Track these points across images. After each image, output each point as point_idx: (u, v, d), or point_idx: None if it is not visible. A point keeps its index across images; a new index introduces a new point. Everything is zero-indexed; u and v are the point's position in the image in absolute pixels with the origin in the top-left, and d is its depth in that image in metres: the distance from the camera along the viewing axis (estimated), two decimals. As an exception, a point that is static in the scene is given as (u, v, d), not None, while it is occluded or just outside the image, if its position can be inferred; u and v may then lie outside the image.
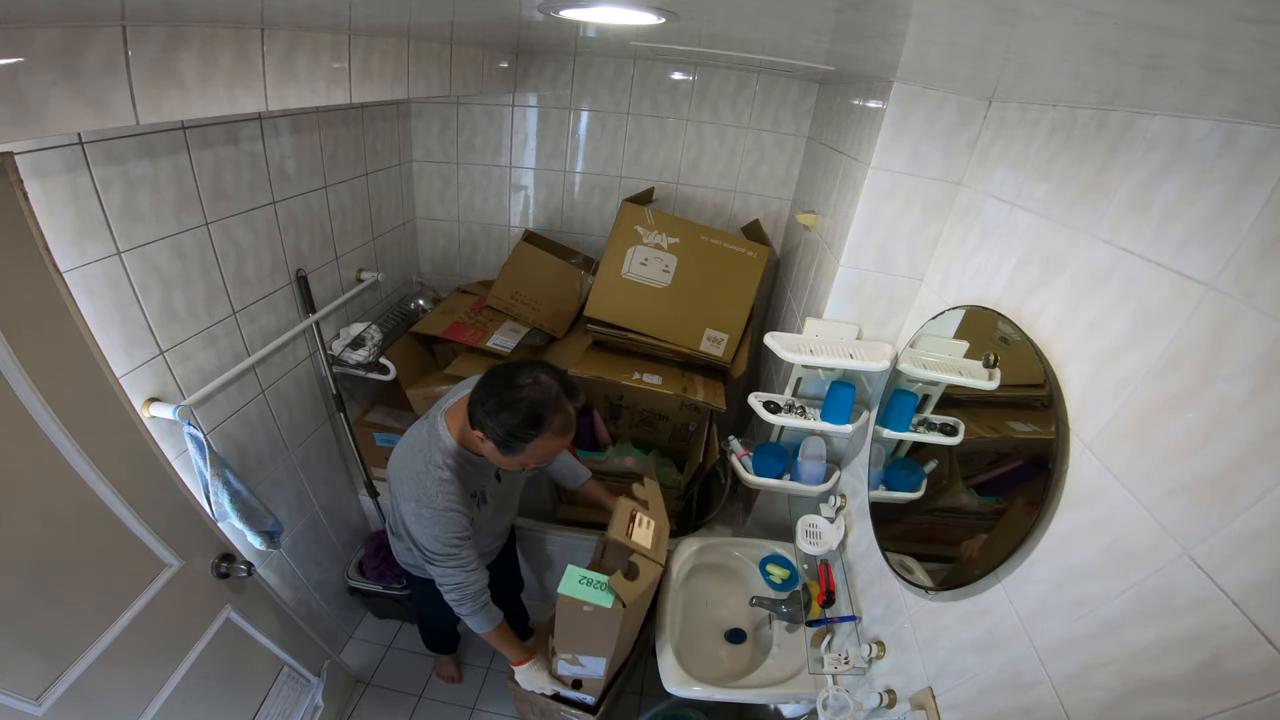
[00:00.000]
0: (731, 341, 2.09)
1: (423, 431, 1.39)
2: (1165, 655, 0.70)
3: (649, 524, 1.49)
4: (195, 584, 1.34)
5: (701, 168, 2.44)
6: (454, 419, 1.38)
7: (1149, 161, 0.85)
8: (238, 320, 1.58)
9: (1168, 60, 0.55)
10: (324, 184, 1.88)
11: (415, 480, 1.33)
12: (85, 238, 1.13)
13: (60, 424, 0.97)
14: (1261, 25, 0.37)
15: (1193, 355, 0.73)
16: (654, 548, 1.44)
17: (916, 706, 1.13)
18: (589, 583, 1.32)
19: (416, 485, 1.33)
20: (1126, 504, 0.78)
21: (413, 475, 1.34)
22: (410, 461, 1.36)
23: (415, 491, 1.33)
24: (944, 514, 1.27)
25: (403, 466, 1.37)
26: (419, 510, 1.32)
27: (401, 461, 1.38)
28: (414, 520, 1.34)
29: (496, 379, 1.27)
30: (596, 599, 1.30)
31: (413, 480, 1.33)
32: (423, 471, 1.33)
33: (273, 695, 1.66)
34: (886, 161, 1.39)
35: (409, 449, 1.39)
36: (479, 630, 1.51)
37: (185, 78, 0.94)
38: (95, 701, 1.10)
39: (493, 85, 2.15)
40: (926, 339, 1.37)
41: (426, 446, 1.36)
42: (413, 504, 1.33)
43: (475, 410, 1.27)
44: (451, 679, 2.27)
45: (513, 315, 2.32)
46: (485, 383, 1.28)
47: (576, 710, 1.67)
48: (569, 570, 1.35)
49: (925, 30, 0.70)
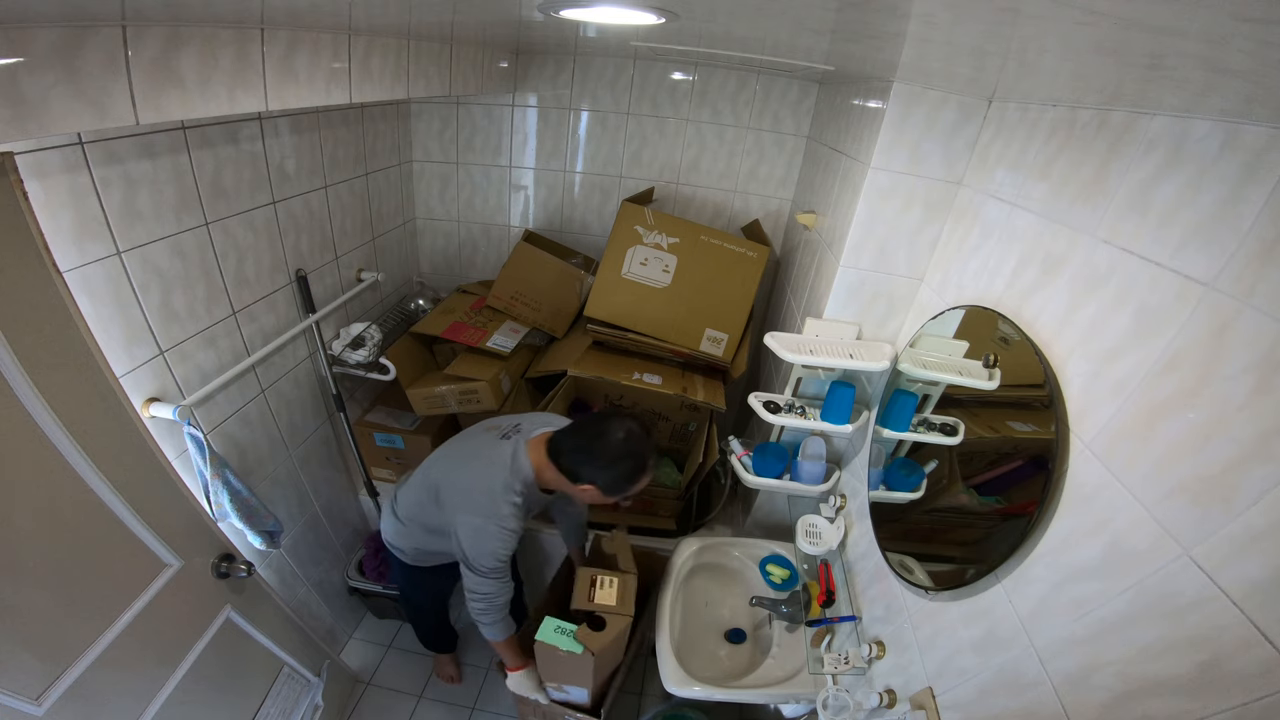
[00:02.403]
0: (731, 341, 2.09)
1: (504, 453, 1.46)
2: (1165, 655, 0.70)
3: (611, 583, 1.63)
4: (195, 584, 1.34)
5: (701, 168, 2.44)
6: (535, 451, 1.47)
7: (1149, 162, 0.85)
8: (238, 320, 1.58)
9: (1168, 60, 0.55)
10: (324, 184, 1.88)
11: (490, 496, 1.41)
12: (85, 238, 1.13)
13: (60, 424, 0.97)
14: (1261, 25, 0.37)
15: (1193, 355, 0.73)
16: (619, 603, 1.58)
17: (916, 706, 1.13)
18: (562, 631, 1.47)
19: (491, 502, 1.40)
20: (1126, 504, 0.78)
21: (488, 491, 1.41)
22: (489, 478, 1.42)
23: (487, 507, 1.40)
24: (944, 514, 1.27)
25: (479, 478, 1.43)
26: (484, 525, 1.40)
27: (478, 475, 1.44)
28: (473, 533, 1.41)
29: (596, 440, 1.40)
30: (569, 646, 1.45)
31: (487, 496, 1.41)
32: (500, 492, 1.41)
33: (273, 695, 1.66)
34: (886, 161, 1.39)
35: (489, 465, 1.45)
36: (493, 638, 1.58)
37: (185, 78, 0.94)
38: (95, 701, 1.09)
39: (493, 85, 2.15)
40: (926, 339, 1.37)
41: (509, 469, 1.43)
42: (478, 518, 1.40)
43: (578, 465, 1.40)
44: (452, 678, 2.27)
45: (513, 315, 2.32)
46: (584, 444, 1.41)
47: (578, 713, 1.68)
48: (545, 620, 1.50)
49: (925, 30, 0.70)
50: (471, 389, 2.07)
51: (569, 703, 1.69)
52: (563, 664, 1.51)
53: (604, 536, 1.83)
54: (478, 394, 2.07)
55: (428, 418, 2.26)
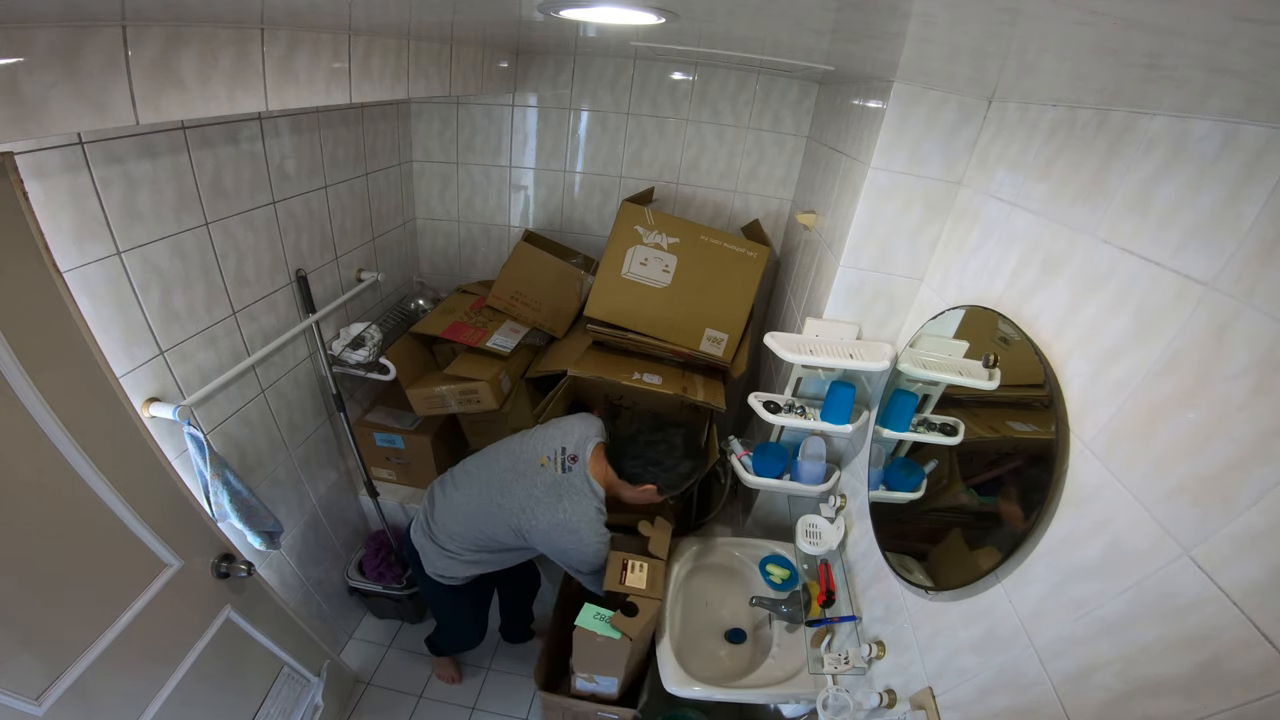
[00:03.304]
0: (731, 341, 2.09)
1: (580, 484, 1.61)
2: (1165, 655, 0.70)
3: (641, 567, 1.68)
4: (195, 584, 1.34)
5: (701, 168, 2.43)
6: (598, 468, 1.63)
7: (1149, 161, 0.85)
8: (238, 320, 1.58)
9: (1168, 60, 0.55)
10: (324, 184, 1.88)
11: (590, 524, 1.59)
12: (85, 238, 1.13)
13: (60, 424, 0.97)
14: (1261, 25, 0.37)
15: (1193, 355, 0.73)
16: (650, 586, 1.63)
17: (916, 706, 1.13)
18: (601, 618, 1.55)
19: (591, 529, 1.59)
20: (1126, 504, 0.78)
21: (589, 522, 1.59)
22: (582, 513, 1.59)
23: (590, 535, 1.59)
24: (944, 514, 1.27)
25: (574, 516, 1.58)
26: (596, 546, 1.60)
27: (572, 514, 1.59)
28: (588, 555, 1.59)
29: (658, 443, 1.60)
30: (606, 632, 1.52)
31: (588, 525, 1.59)
32: (595, 518, 1.60)
33: (273, 695, 1.66)
34: (886, 161, 1.39)
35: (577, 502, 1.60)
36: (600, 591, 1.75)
37: (185, 78, 0.94)
38: (95, 701, 1.09)
39: (493, 85, 2.15)
40: (926, 339, 1.37)
41: (590, 498, 1.60)
42: (590, 545, 1.58)
43: (640, 470, 1.60)
44: (452, 679, 2.27)
45: (513, 315, 2.32)
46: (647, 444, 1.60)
47: (614, 709, 1.69)
48: (585, 607, 1.57)
49: (925, 30, 0.70)
50: (471, 389, 2.07)
51: (598, 695, 1.71)
52: (600, 651, 1.56)
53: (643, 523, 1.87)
54: (478, 394, 2.07)
55: (428, 418, 2.26)
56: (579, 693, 1.72)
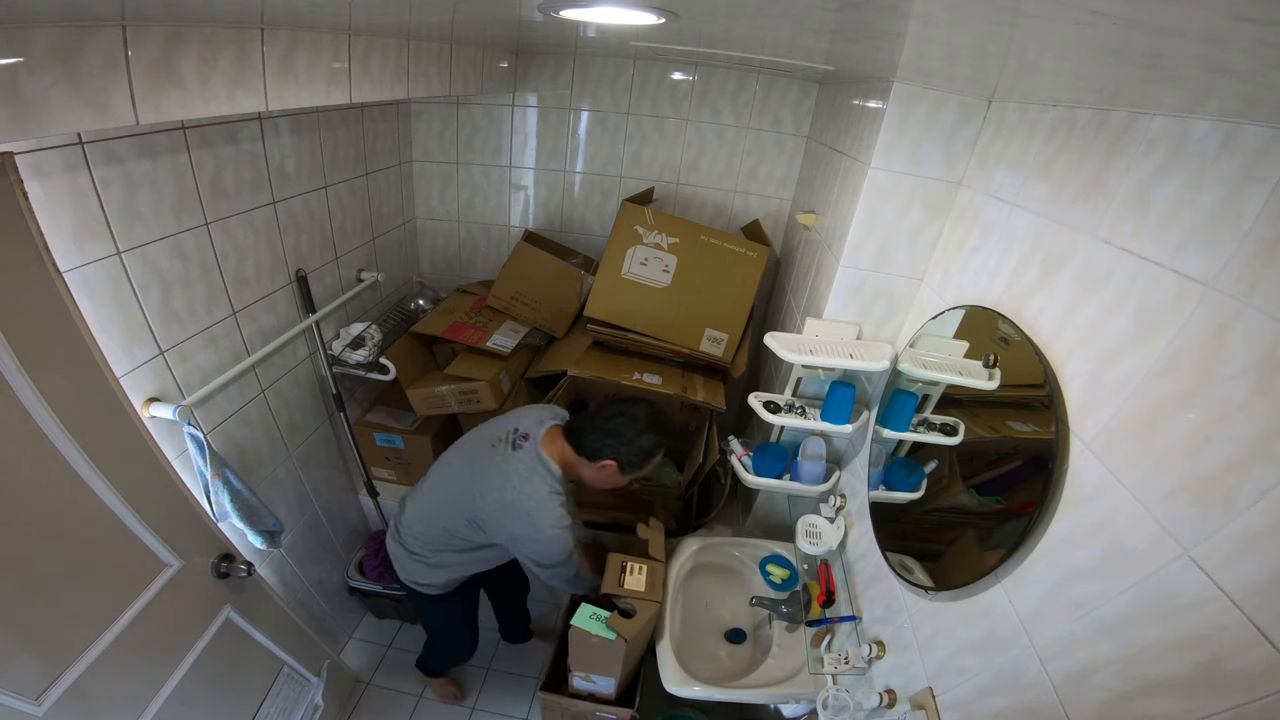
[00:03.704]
0: (731, 341, 2.09)
1: (531, 462, 1.51)
2: (1165, 655, 0.70)
3: (641, 569, 1.67)
4: (195, 584, 1.34)
5: (701, 168, 2.43)
6: (553, 446, 1.54)
7: (1149, 161, 0.85)
8: (238, 320, 1.58)
9: (1168, 60, 0.55)
10: (324, 184, 1.88)
11: (541, 507, 1.48)
12: (85, 238, 1.12)
13: (60, 424, 0.97)
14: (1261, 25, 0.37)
15: (1193, 355, 0.73)
16: (648, 589, 1.62)
17: (916, 706, 1.13)
18: (597, 618, 1.53)
19: (545, 512, 1.48)
20: (1126, 504, 0.78)
21: (539, 504, 1.48)
22: (532, 492, 1.48)
23: (543, 518, 1.47)
24: (944, 514, 1.27)
25: (523, 497, 1.48)
26: (551, 534, 1.48)
27: (521, 494, 1.48)
28: (542, 544, 1.49)
29: (618, 418, 1.51)
30: (602, 632, 1.51)
31: (539, 507, 1.48)
32: (548, 499, 1.48)
33: (273, 695, 1.66)
34: (886, 161, 1.39)
35: (525, 480, 1.49)
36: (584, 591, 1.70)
37: (185, 78, 0.94)
38: (95, 701, 1.09)
39: (493, 85, 2.15)
40: (926, 339, 1.37)
41: (543, 476, 1.50)
42: (543, 531, 1.47)
43: (601, 443, 1.49)
44: (454, 696, 2.22)
45: (513, 315, 2.32)
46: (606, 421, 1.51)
47: (612, 709, 1.69)
48: (581, 607, 1.56)
49: (925, 30, 0.70)
50: (471, 389, 2.07)
51: (595, 695, 1.71)
52: (595, 651, 1.56)
53: (640, 525, 1.86)
54: (478, 394, 2.07)
55: (428, 418, 2.26)
56: (577, 692, 1.73)
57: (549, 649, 2.03)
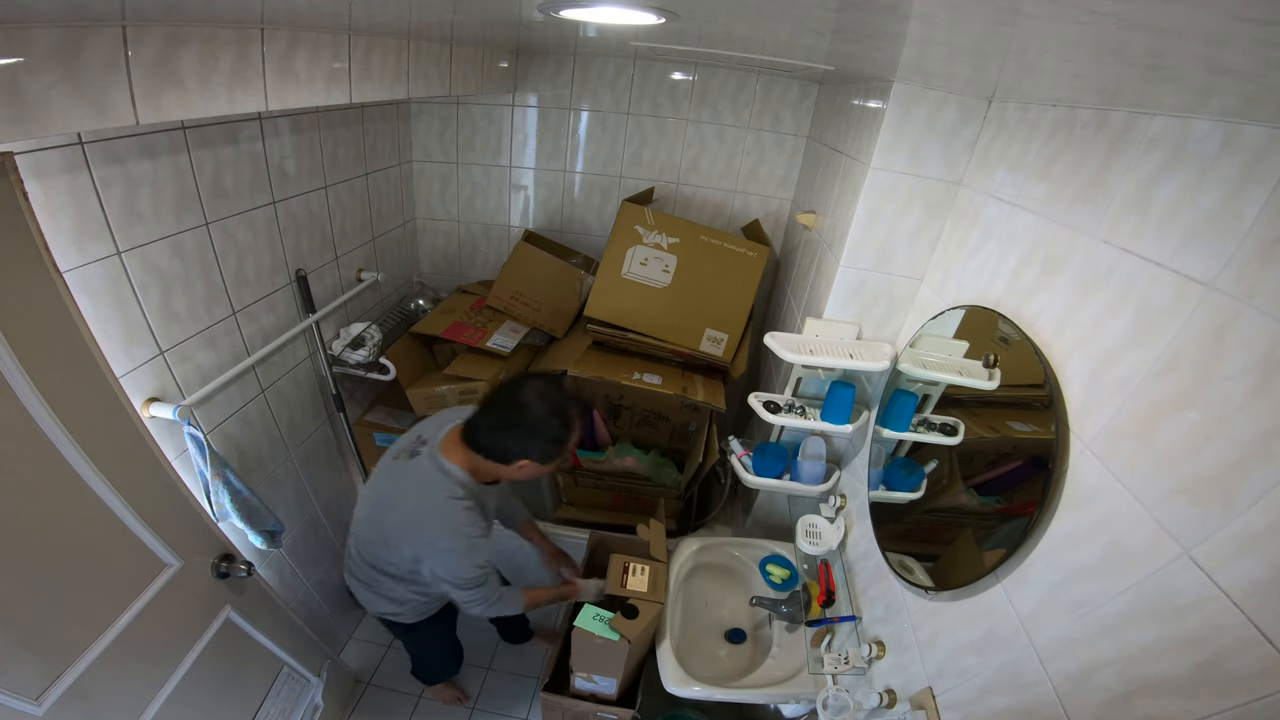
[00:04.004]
0: (731, 341, 2.09)
1: (425, 469, 1.36)
2: (1165, 655, 0.70)
3: (643, 570, 1.67)
4: (195, 584, 1.34)
5: (701, 168, 2.44)
6: (453, 452, 1.37)
7: (1149, 161, 0.85)
8: (238, 320, 1.58)
9: (1168, 60, 0.55)
10: (324, 184, 1.88)
11: (441, 517, 1.32)
12: (85, 238, 1.12)
13: (60, 424, 0.97)
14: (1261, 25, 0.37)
15: (1193, 355, 0.73)
16: (651, 590, 1.62)
17: (916, 706, 1.13)
18: (600, 619, 1.53)
19: (445, 522, 1.32)
20: (1126, 504, 0.78)
21: (437, 513, 1.32)
22: (428, 500, 1.33)
23: (446, 528, 1.32)
24: (944, 514, 1.27)
25: (422, 509, 1.34)
26: (453, 544, 1.33)
27: (416, 503, 1.35)
28: (445, 558, 1.34)
29: (509, 411, 1.32)
30: (605, 633, 1.51)
31: (438, 518, 1.33)
32: (446, 506, 1.32)
33: (273, 695, 1.66)
34: (886, 161, 1.39)
35: (421, 488, 1.34)
36: (517, 611, 1.58)
37: (185, 78, 0.94)
38: (95, 701, 1.09)
39: (493, 85, 2.15)
40: (926, 339, 1.37)
41: (442, 483, 1.34)
42: (443, 542, 1.33)
43: (503, 445, 1.32)
44: (456, 699, 2.20)
45: (513, 315, 2.32)
46: (499, 419, 1.32)
47: (614, 709, 1.69)
48: (584, 607, 1.56)
49: (925, 30, 0.70)
50: (471, 389, 2.07)
51: (597, 695, 1.71)
52: (598, 652, 1.55)
53: (640, 526, 1.86)
54: (478, 394, 2.08)
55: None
56: (578, 692, 1.73)
57: (550, 648, 2.03)
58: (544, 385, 1.34)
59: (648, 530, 1.83)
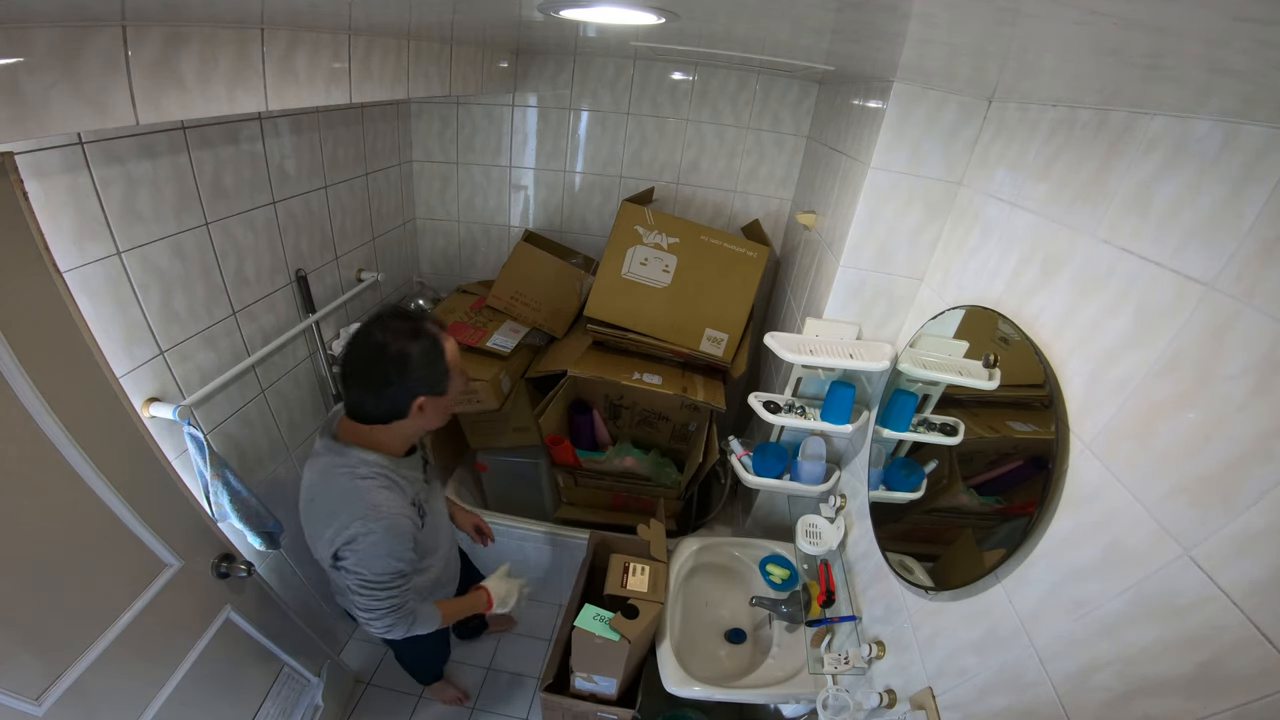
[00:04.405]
0: (731, 341, 2.09)
1: (324, 463, 1.24)
2: (1165, 655, 0.70)
3: (643, 570, 1.67)
4: (195, 584, 1.34)
5: (701, 168, 2.44)
6: (350, 434, 1.25)
7: (1149, 161, 0.85)
8: (238, 320, 1.58)
9: (1168, 60, 0.55)
10: (324, 184, 1.88)
11: (348, 500, 1.18)
12: (85, 238, 1.12)
13: (60, 424, 0.97)
14: (1261, 25, 0.37)
15: (1193, 355, 0.73)
16: (651, 590, 1.62)
17: (916, 706, 1.13)
18: (601, 619, 1.53)
19: (355, 504, 1.18)
20: (1126, 504, 0.78)
21: (343, 497, 1.19)
22: (333, 486, 1.20)
23: (357, 511, 1.17)
24: (944, 514, 1.27)
25: (328, 498, 1.21)
26: (367, 528, 1.17)
27: (321, 493, 1.22)
28: (361, 546, 1.18)
29: (371, 365, 1.17)
30: (606, 633, 1.51)
31: (345, 502, 1.18)
32: (352, 489, 1.19)
33: (273, 695, 1.66)
34: (886, 161, 1.39)
35: (323, 479, 1.22)
36: (430, 629, 1.41)
37: (185, 78, 0.94)
38: (95, 701, 1.09)
39: (493, 85, 2.15)
40: (926, 339, 1.37)
41: (344, 466, 1.21)
42: (355, 526, 1.17)
43: (386, 400, 1.19)
44: (457, 699, 2.19)
45: (513, 315, 2.32)
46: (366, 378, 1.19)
47: (614, 709, 1.69)
48: (585, 608, 1.56)
49: (925, 30, 0.70)
50: (471, 389, 2.07)
51: (597, 695, 1.71)
52: (598, 652, 1.55)
53: (640, 526, 1.86)
54: (478, 394, 2.07)
55: (428, 418, 2.25)
56: (578, 692, 1.73)
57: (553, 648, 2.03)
58: (384, 321, 1.20)
59: (648, 530, 1.83)
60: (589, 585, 1.91)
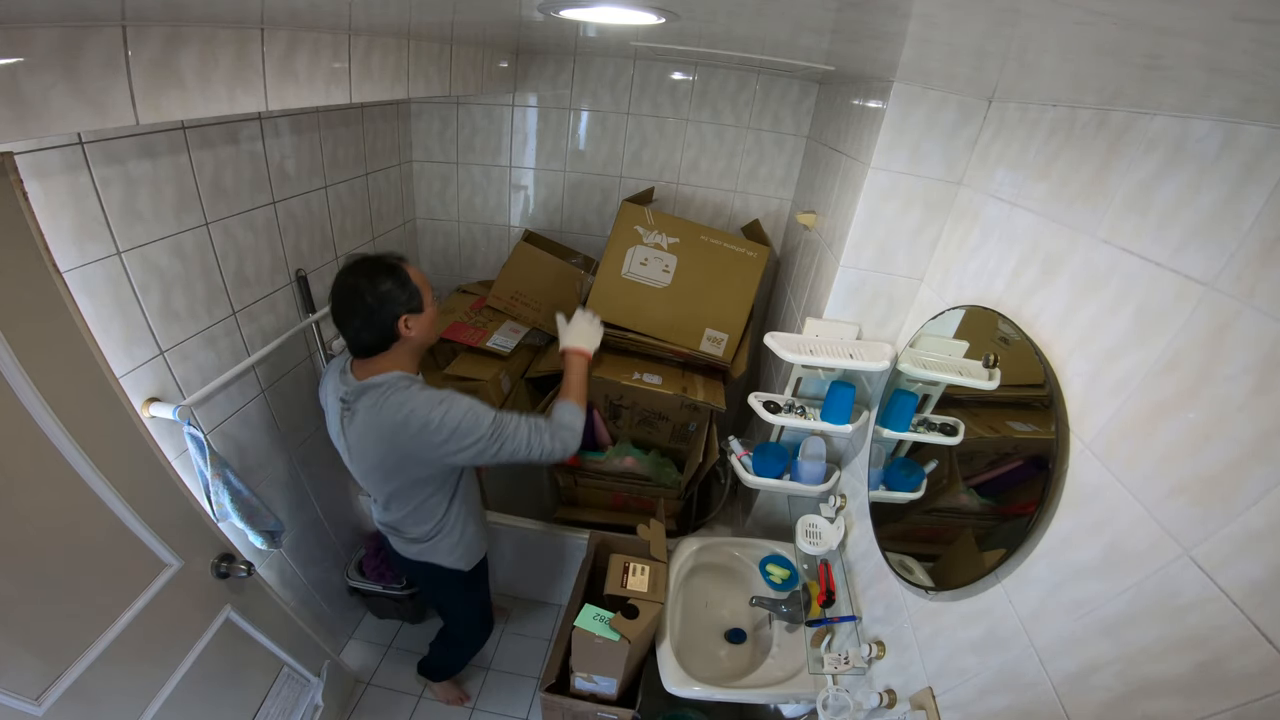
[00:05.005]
0: (731, 341, 2.09)
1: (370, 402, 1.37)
2: (1165, 655, 0.70)
3: (643, 570, 1.68)
4: (195, 584, 1.34)
5: (701, 168, 2.44)
6: (368, 370, 1.41)
7: (1149, 161, 0.85)
8: (238, 320, 1.58)
9: (1167, 60, 0.55)
10: (324, 184, 1.88)
11: (411, 405, 1.33)
12: (85, 238, 1.12)
13: (60, 424, 0.97)
14: (1261, 25, 0.37)
15: (1192, 355, 0.73)
16: (651, 590, 1.63)
17: (916, 706, 1.13)
18: (600, 619, 1.54)
19: (418, 405, 1.34)
20: (1126, 504, 0.78)
21: (414, 406, 1.34)
22: (400, 406, 1.34)
23: (425, 408, 1.33)
24: (944, 514, 1.27)
25: (391, 414, 1.33)
26: (447, 410, 1.34)
27: (393, 420, 1.34)
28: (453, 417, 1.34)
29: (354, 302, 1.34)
30: (605, 633, 1.51)
31: (413, 410, 1.33)
32: (406, 397, 1.35)
33: (273, 695, 1.66)
34: (886, 161, 1.39)
35: (376, 416, 1.35)
36: (580, 417, 1.57)
37: (185, 78, 0.94)
38: (95, 701, 1.09)
39: (493, 85, 2.15)
40: (926, 339, 1.37)
41: (388, 392, 1.36)
42: (437, 411, 1.33)
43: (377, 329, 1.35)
44: (460, 699, 2.19)
45: (513, 315, 2.32)
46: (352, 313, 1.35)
47: (614, 709, 1.70)
48: (585, 608, 1.56)
49: (925, 30, 0.70)
50: (472, 389, 2.07)
51: (597, 695, 1.72)
52: (598, 652, 1.55)
53: (640, 527, 1.86)
54: (478, 394, 2.07)
55: (428, 418, 2.25)
56: (578, 692, 1.73)
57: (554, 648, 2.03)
58: (352, 267, 1.37)
59: (648, 530, 1.83)
60: (589, 585, 1.91)
